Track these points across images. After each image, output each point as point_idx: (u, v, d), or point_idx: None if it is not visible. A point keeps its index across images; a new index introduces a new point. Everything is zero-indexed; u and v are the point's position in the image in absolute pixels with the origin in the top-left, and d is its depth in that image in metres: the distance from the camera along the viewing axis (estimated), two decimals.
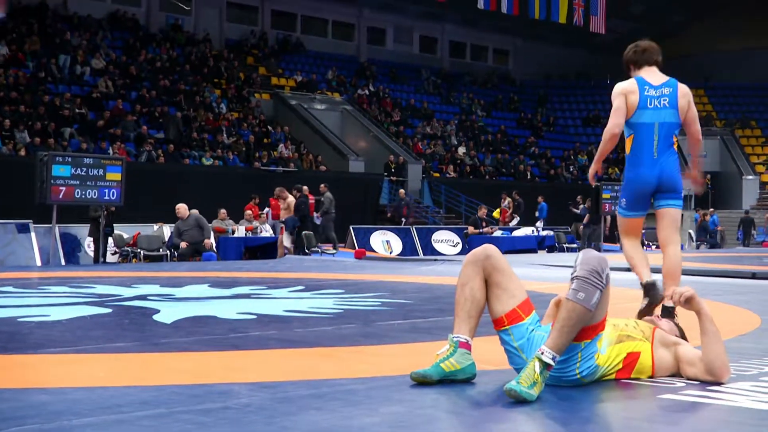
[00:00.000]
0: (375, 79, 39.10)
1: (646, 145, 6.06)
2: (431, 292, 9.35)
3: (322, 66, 37.77)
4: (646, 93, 6.16)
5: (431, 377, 3.89)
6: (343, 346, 5.38)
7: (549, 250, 24.72)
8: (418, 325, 6.58)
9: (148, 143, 25.62)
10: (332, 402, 3.68)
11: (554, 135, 42.49)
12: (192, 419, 3.33)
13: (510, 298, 4.04)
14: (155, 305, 7.51)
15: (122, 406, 3.57)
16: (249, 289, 9.31)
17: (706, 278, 12.20)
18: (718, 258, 18.83)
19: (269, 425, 3.28)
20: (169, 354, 5.10)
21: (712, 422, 3.42)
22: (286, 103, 33.53)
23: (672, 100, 6.11)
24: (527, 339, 3.97)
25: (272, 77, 35.32)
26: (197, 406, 3.57)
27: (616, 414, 3.66)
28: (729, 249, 28.64)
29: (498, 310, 4.04)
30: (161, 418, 3.35)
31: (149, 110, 28.28)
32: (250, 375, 4.36)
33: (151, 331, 5.94)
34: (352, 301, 8.11)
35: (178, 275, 11.55)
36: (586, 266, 3.75)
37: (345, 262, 16.70)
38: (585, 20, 32.35)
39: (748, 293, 9.31)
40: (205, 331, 6.01)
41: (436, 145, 35.57)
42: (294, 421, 3.34)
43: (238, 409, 3.53)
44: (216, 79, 32.66)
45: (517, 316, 4.01)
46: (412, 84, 40.90)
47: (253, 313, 7.03)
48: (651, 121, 6.03)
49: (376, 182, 29.89)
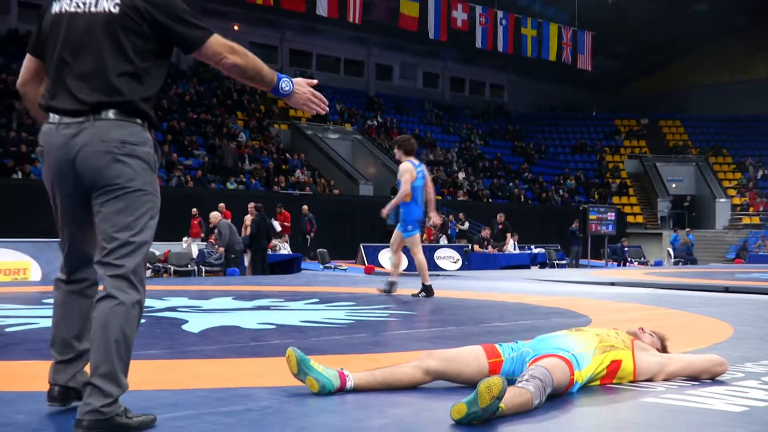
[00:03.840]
0: (383, 111, 39.21)
1: (417, 197, 10.26)
2: (434, 304, 9.33)
3: (335, 99, 37.91)
4: (417, 170, 10.25)
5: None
6: (355, 354, 5.37)
7: (541, 266, 24.68)
8: (421, 334, 6.57)
9: (177, 169, 25.69)
10: (344, 405, 3.67)
11: (545, 161, 42.52)
12: (217, 420, 3.33)
13: (478, 371, 3.86)
14: (184, 316, 7.51)
15: (154, 408, 3.56)
16: (269, 301, 9.30)
17: (683, 291, 12.19)
18: (694, 273, 18.77)
19: (287, 426, 3.27)
20: (196, 360, 5.10)
21: (688, 423, 3.40)
22: (303, 133, 33.63)
23: (424, 174, 10.36)
24: (513, 366, 3.92)
25: (290, 110, 35.43)
26: (221, 408, 3.56)
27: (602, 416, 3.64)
28: (703, 265, 28.54)
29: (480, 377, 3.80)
30: (189, 419, 3.35)
31: (179, 139, 28.37)
32: (270, 380, 4.35)
33: (180, 340, 5.93)
34: (362, 313, 8.09)
35: (205, 288, 11.54)
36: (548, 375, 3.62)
37: (356, 277, 16.69)
38: (573, 58, 32.38)
39: (721, 305, 9.27)
40: (229, 340, 6.00)
41: (439, 170, 35.60)
42: (310, 423, 3.34)
43: (258, 411, 3.53)
44: (239, 111, 32.78)
45: (497, 365, 3.95)
46: (416, 115, 41.00)
47: (273, 324, 7.02)
48: (419, 185, 10.25)
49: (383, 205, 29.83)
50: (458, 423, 3.23)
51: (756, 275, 17.73)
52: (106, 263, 3.14)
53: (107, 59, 3.19)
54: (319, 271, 19.04)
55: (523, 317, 7.99)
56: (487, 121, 43.88)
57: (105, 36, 3.20)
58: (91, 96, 3.17)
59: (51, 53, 3.29)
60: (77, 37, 3.22)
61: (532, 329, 6.72)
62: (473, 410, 3.18)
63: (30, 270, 15.50)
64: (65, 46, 3.24)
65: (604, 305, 9.50)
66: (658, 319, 7.73)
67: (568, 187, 39.73)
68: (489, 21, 29.87)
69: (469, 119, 43.03)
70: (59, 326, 3.39)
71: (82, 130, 3.15)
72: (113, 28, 3.20)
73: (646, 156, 43.27)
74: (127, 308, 3.12)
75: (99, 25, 3.20)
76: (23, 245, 15.83)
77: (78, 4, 3.25)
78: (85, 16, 3.22)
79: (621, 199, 40.28)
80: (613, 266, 26.88)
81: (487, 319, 7.89)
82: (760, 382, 4.26)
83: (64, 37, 3.25)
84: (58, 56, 3.25)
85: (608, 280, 14.47)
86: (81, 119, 3.16)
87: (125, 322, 3.12)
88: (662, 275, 17.70)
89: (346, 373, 3.86)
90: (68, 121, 3.17)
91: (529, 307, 9.07)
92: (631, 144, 44.65)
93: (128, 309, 3.12)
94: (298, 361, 3.78)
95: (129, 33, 3.21)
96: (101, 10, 3.21)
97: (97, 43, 3.20)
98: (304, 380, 3.78)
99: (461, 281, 14.65)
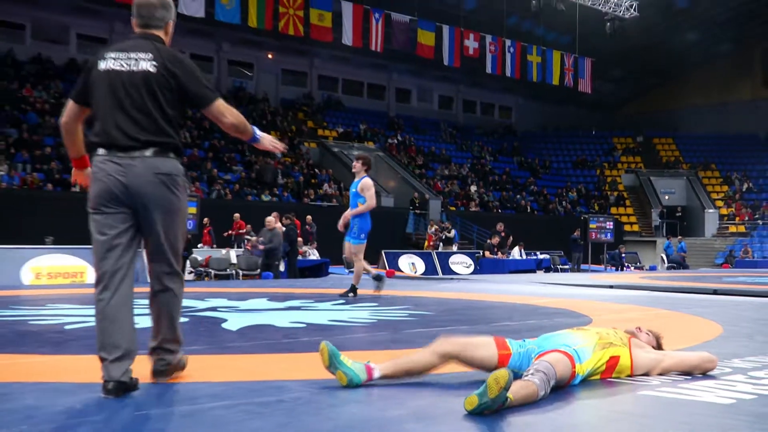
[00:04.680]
0: (402, 130, 39.22)
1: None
2: (448, 305, 9.31)
3: (358, 120, 37.95)
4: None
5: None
6: (377, 350, 5.36)
7: (546, 270, 24.59)
8: (437, 332, 6.55)
9: (218, 183, 25.80)
10: (368, 396, 3.67)
11: (549, 176, 42.36)
12: (253, 410, 3.34)
13: (489, 357, 3.87)
14: (224, 315, 7.53)
15: (197, 398, 3.58)
16: (299, 302, 9.32)
17: (676, 294, 12.10)
18: (686, 277, 18.63)
19: (316, 415, 3.27)
20: (234, 355, 5.11)
21: (680, 414, 3.37)
22: (330, 150, 33.70)
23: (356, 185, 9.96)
24: (521, 360, 3.90)
25: (318, 129, 35.54)
26: (257, 398, 3.57)
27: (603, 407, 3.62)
28: (694, 269, 28.33)
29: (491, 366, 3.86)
30: (228, 409, 3.36)
31: (219, 156, 28.51)
32: (301, 373, 4.35)
33: (220, 337, 5.95)
34: (384, 313, 8.09)
35: (242, 290, 11.57)
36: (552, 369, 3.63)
37: None
38: (574, 82, 32.29)
39: (711, 306, 9.20)
40: (264, 337, 6.01)
41: (453, 184, 35.57)
42: (337, 412, 3.34)
43: (290, 401, 3.53)
44: (273, 131, 32.90)
45: (505, 357, 3.93)
46: (432, 134, 40.98)
47: (303, 322, 7.03)
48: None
49: (403, 215, 29.90)
50: (471, 413, 3.25)
51: (742, 279, 17.60)
52: (161, 263, 3.84)
53: (149, 107, 3.69)
54: (345, 275, 19.05)
55: (529, 317, 7.96)
56: (497, 139, 43.78)
57: (146, 90, 3.70)
58: (139, 135, 3.66)
59: (101, 101, 3.74)
60: (124, 89, 3.70)
61: (537, 328, 6.70)
62: (484, 401, 3.22)
63: (86, 273, 15.61)
64: (114, 96, 3.70)
65: (604, 306, 9.45)
66: (653, 319, 7.68)
67: (570, 199, 39.56)
68: (498, 49, 29.85)
69: (480, 137, 42.96)
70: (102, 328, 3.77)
71: (133, 162, 3.64)
72: (152, 84, 3.70)
73: (641, 170, 43.05)
74: (178, 295, 3.93)
75: (141, 81, 3.70)
76: (80, 251, 15.94)
77: (122, 63, 3.74)
78: (129, 73, 3.71)
79: (618, 210, 40.07)
80: (612, 271, 26.73)
81: (497, 318, 7.86)
82: (747, 377, 4.23)
83: (113, 89, 3.71)
84: (108, 104, 3.71)
85: (607, 284, 14.39)
86: (133, 153, 3.65)
87: (177, 304, 3.95)
88: (656, 279, 17.57)
89: (372, 365, 3.87)
90: (121, 155, 3.65)
91: (535, 308, 9.03)
92: (628, 160, 44.43)
93: (179, 295, 3.93)
94: (330, 354, 3.80)
95: (163, 88, 3.72)
96: (142, 69, 3.71)
97: (141, 94, 3.69)
98: (335, 373, 3.80)
99: (473, 284, 14.61)
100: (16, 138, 24.22)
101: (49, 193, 21.92)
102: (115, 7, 28.15)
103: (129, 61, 3.74)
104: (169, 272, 3.87)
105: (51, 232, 18.17)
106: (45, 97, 27.08)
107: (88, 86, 3.82)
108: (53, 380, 4.07)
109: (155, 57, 3.73)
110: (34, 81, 27.90)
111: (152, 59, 3.73)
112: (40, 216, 19.49)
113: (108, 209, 3.70)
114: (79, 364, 4.64)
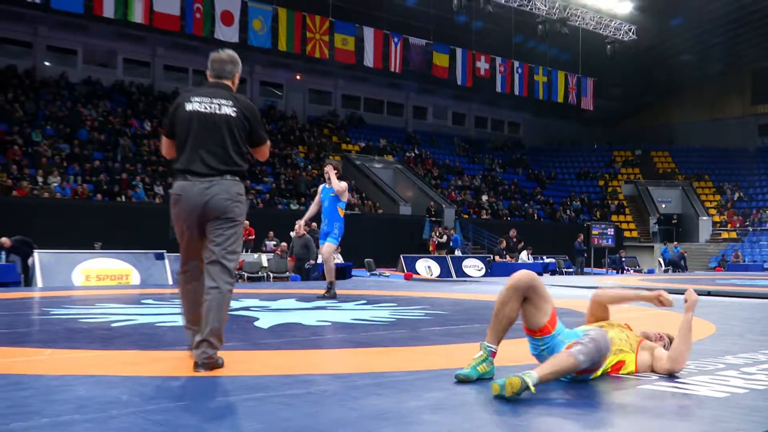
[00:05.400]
0: (419, 144, 39.22)
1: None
2: (462, 306, 9.29)
3: (379, 135, 37.99)
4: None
5: (471, 377, 3.80)
6: (396, 347, 5.36)
7: (551, 273, 24.46)
8: (452, 330, 6.54)
9: (251, 193, 25.90)
10: (388, 389, 3.67)
11: (555, 186, 42.18)
12: (283, 401, 3.34)
13: (543, 316, 3.90)
14: (256, 314, 7.55)
15: (231, 391, 3.59)
16: (325, 302, 9.32)
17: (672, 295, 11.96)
18: (681, 279, 18.47)
19: (341, 406, 3.27)
20: (265, 351, 5.12)
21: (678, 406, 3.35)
22: (353, 163, 33.75)
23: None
24: (553, 344, 3.90)
25: (342, 144, 35.60)
26: (287, 391, 3.57)
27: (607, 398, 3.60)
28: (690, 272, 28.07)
29: (532, 324, 3.91)
30: (260, 400, 3.37)
31: (251, 169, 28.62)
32: (327, 368, 4.36)
33: (252, 334, 5.97)
34: (402, 312, 8.08)
35: (273, 292, 11.60)
36: (595, 343, 3.76)
37: (397, 282, 16.66)
38: (577, 99, 32.16)
39: (705, 307, 9.12)
40: (293, 334, 6.02)
41: (465, 194, 35.50)
42: (360, 404, 3.33)
43: (317, 394, 3.54)
44: (300, 145, 33.01)
45: (547, 330, 3.92)
46: (446, 148, 40.94)
47: (329, 321, 7.03)
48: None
49: (419, 222, 29.87)
50: (495, 397, 3.41)
51: (734, 281, 17.43)
52: (221, 263, 4.21)
53: (227, 143, 4.28)
54: (367, 278, 19.05)
55: None
56: (506, 153, 43.65)
57: (226, 130, 4.28)
58: (218, 165, 4.24)
59: (188, 137, 4.28)
60: (208, 128, 4.25)
61: None
62: (502, 394, 3.38)
63: (131, 276, 15.70)
64: (199, 133, 4.25)
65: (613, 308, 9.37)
66: (651, 318, 7.61)
67: (574, 208, 39.38)
68: (507, 69, 29.80)
69: (490, 151, 42.86)
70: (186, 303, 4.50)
71: (212, 185, 4.21)
72: (231, 125, 4.30)
73: (639, 181, 42.77)
74: (226, 293, 4.22)
75: (222, 122, 4.27)
76: (125, 256, 16.04)
77: (206, 107, 4.29)
78: (213, 115, 4.27)
79: (619, 218, 39.81)
80: (613, 273, 26.54)
81: None
82: (740, 372, 4.20)
83: (198, 128, 4.26)
84: (193, 139, 4.26)
85: (608, 285, 14.27)
86: (211, 179, 4.22)
87: (226, 302, 4.22)
88: (654, 281, 17.43)
89: (493, 348, 3.91)
90: (202, 180, 4.21)
91: None
92: (627, 171, 44.16)
93: (228, 293, 4.23)
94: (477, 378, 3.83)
95: (239, 129, 4.32)
96: (224, 113, 4.29)
97: (221, 133, 4.27)
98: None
99: (485, 286, 14.56)
100: (69, 152, 24.45)
101: (97, 202, 22.09)
102: (157, 33, 28.43)
103: (212, 105, 4.28)
104: (225, 273, 4.25)
105: (99, 238, 18.32)
106: (94, 116, 27.32)
107: (174, 123, 4.36)
108: (102, 373, 4.10)
109: (234, 104, 4.31)
110: (85, 101, 28.16)
111: (232, 105, 4.30)
112: (89, 223, 19.64)
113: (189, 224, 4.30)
114: (125, 359, 4.67)
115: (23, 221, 17.07)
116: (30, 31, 29.48)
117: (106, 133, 26.50)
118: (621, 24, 31.08)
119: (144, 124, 28.22)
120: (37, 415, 3.05)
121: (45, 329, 6.31)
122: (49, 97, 27.52)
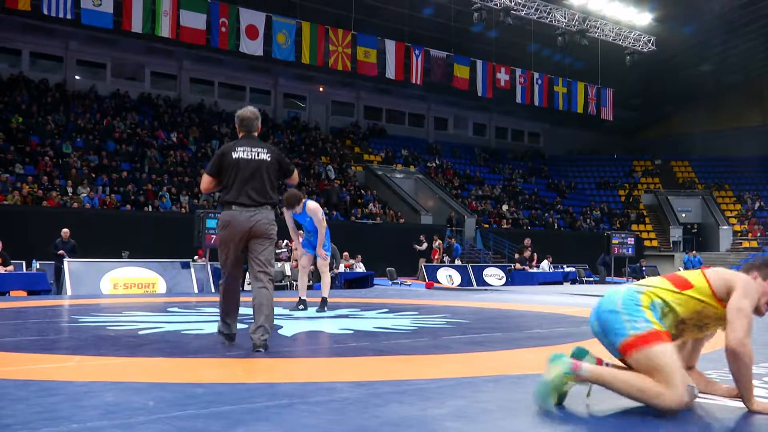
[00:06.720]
0: (440, 155, 39.18)
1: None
2: (483, 314, 9.24)
3: (400, 146, 38.01)
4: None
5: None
6: (418, 355, 5.34)
7: (572, 282, 24.29)
8: (473, 339, 6.50)
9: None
10: (410, 397, 3.65)
11: (574, 195, 41.94)
12: (306, 408, 3.33)
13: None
14: (279, 323, 7.56)
15: (255, 398, 3.59)
16: (347, 311, 9.32)
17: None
18: None
19: (363, 413, 3.26)
20: (289, 359, 5.12)
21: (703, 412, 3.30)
22: (375, 173, 33.77)
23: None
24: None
25: (364, 154, 35.64)
26: (310, 398, 3.57)
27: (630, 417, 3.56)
28: None
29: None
30: (283, 407, 3.36)
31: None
32: (349, 375, 4.34)
33: (276, 342, 5.97)
34: (424, 321, 8.05)
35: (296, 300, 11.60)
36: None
37: (418, 291, 16.64)
38: (597, 110, 31.98)
39: None
40: (316, 342, 6.02)
41: (486, 203, 35.38)
42: (382, 411, 3.32)
43: (340, 401, 3.53)
44: (323, 156, 33.11)
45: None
46: (467, 158, 40.86)
47: (351, 329, 7.02)
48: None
49: (440, 232, 29.79)
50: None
51: None
52: (264, 272, 5.40)
53: (265, 182, 5.51)
54: (388, 286, 19.04)
55: (559, 325, 7.86)
56: (526, 163, 43.47)
57: (264, 171, 5.52)
58: (259, 198, 5.47)
59: (235, 178, 5.45)
60: (250, 171, 5.47)
61: (566, 335, 6.61)
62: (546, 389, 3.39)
63: (158, 284, 15.82)
64: (243, 175, 5.45)
65: None
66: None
67: (595, 217, 39.10)
68: (527, 81, 29.72)
69: (511, 161, 42.70)
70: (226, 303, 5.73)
71: (256, 213, 5.43)
72: (268, 167, 5.55)
73: (659, 191, 42.44)
74: (271, 291, 5.42)
75: (261, 166, 5.52)
76: (152, 264, 16.16)
77: (249, 154, 5.51)
78: (254, 161, 5.51)
79: (639, 227, 39.48)
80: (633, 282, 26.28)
81: (528, 326, 7.78)
82: (761, 382, 4.13)
83: (243, 171, 5.46)
84: (239, 179, 5.45)
85: None
86: (255, 209, 5.44)
87: (271, 298, 5.42)
88: None
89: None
90: (248, 210, 5.43)
91: (564, 317, 8.92)
92: (647, 181, 43.84)
93: (272, 291, 5.43)
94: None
95: (273, 169, 5.59)
96: (262, 158, 5.54)
97: (261, 174, 5.50)
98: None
99: (505, 295, 14.49)
100: (97, 164, 24.70)
101: (125, 212, 22.27)
102: (184, 47, 28.70)
103: (252, 153, 5.52)
104: (267, 277, 5.41)
105: (127, 247, 18.46)
106: (122, 128, 27.58)
107: (222, 167, 5.52)
108: (129, 380, 4.12)
109: (269, 152, 5.59)
110: (113, 113, 28.44)
111: (267, 153, 5.57)
112: (117, 233, 19.79)
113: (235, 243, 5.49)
114: (152, 366, 4.69)
115: (53, 231, 17.24)
116: (61, 45, 29.87)
117: (133, 144, 26.74)
118: (640, 35, 30.89)
119: (171, 135, 28.46)
120: (66, 420, 3.07)
121: (74, 336, 6.36)
122: (79, 109, 27.84)
